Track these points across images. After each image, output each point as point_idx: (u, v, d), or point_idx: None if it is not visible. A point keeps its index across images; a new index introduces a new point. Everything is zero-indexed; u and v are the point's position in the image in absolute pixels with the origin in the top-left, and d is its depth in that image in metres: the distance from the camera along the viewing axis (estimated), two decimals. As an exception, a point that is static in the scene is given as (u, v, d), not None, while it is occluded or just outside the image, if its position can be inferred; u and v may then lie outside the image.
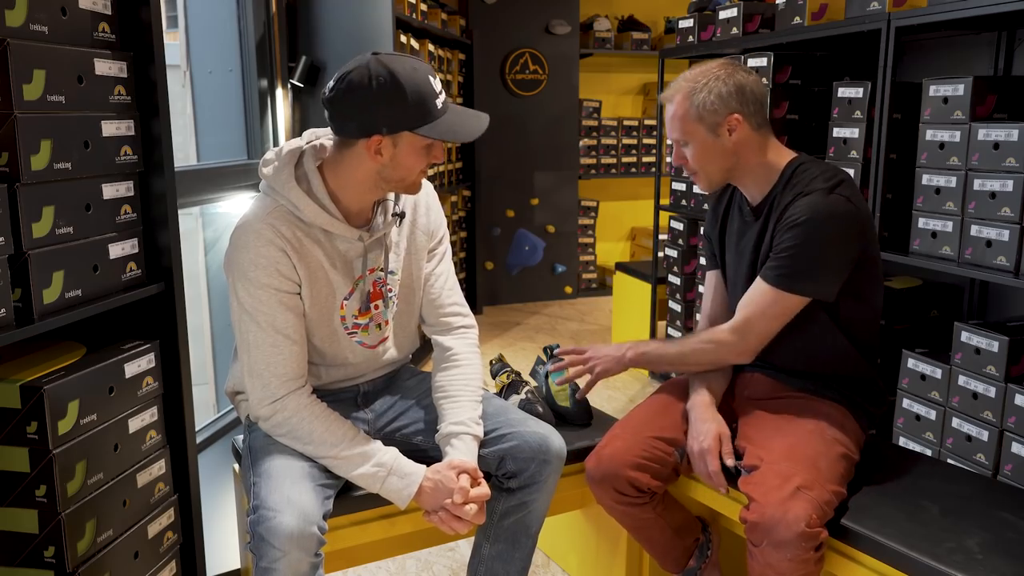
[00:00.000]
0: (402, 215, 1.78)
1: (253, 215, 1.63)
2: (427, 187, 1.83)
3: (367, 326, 1.76)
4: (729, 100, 1.73)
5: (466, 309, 1.91)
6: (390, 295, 1.78)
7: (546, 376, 2.19)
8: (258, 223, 1.61)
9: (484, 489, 1.66)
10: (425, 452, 1.77)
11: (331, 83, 1.59)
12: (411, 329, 1.88)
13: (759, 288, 1.74)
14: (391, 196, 1.75)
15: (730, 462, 1.70)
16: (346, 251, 1.69)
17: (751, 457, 1.67)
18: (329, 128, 1.70)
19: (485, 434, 1.75)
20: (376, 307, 1.76)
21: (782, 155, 1.80)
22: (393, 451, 1.66)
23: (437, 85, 1.60)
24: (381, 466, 1.63)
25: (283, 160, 1.65)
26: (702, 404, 1.80)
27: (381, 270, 1.75)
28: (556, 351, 2.00)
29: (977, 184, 2.14)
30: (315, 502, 1.52)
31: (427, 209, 1.84)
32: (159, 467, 1.69)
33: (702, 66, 1.79)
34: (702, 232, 2.11)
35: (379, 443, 1.67)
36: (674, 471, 1.84)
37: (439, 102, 1.60)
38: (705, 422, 1.75)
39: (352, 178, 1.64)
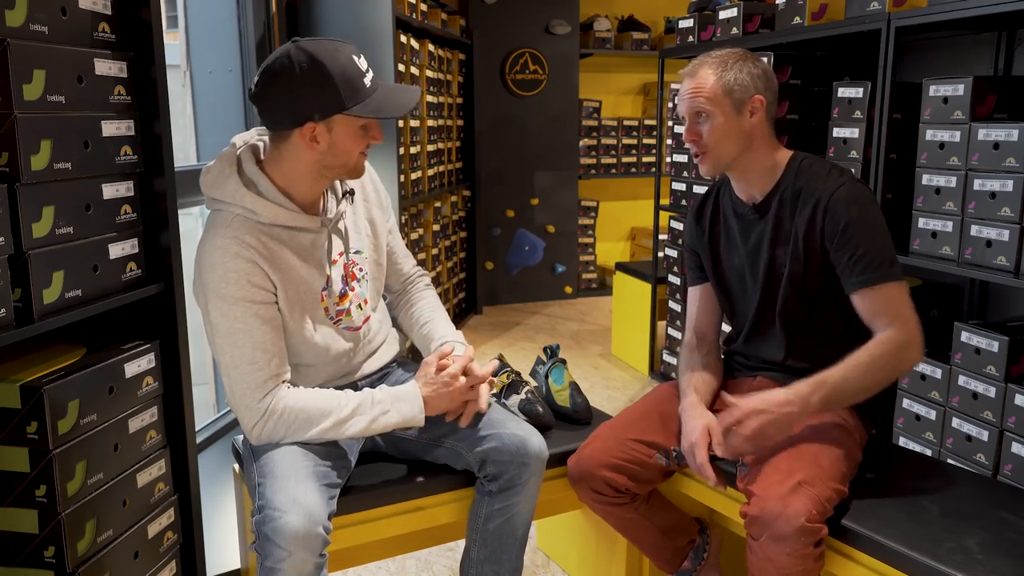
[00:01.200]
0: (351, 192, 1.79)
1: (213, 233, 1.61)
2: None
3: (349, 309, 1.76)
4: (757, 81, 1.74)
5: (420, 268, 2.02)
6: (362, 274, 1.79)
7: (546, 376, 2.19)
8: (220, 239, 1.60)
9: (465, 358, 1.77)
10: (423, 447, 1.77)
11: (256, 78, 1.58)
12: (378, 303, 1.90)
13: (878, 293, 1.65)
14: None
15: (719, 451, 1.68)
16: (311, 243, 1.69)
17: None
18: (253, 130, 1.70)
19: (468, 433, 1.75)
20: (352, 288, 1.77)
21: (784, 151, 1.81)
22: (380, 387, 1.71)
23: (363, 64, 1.59)
24: (382, 402, 1.66)
25: (224, 171, 1.63)
26: (690, 404, 1.79)
27: (347, 252, 1.76)
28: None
29: (977, 184, 2.14)
30: (321, 502, 1.52)
31: (373, 183, 1.86)
32: (159, 467, 1.69)
33: (722, 50, 1.78)
34: (685, 247, 2.05)
35: (365, 390, 1.70)
36: (661, 474, 1.85)
37: (367, 80, 1.59)
38: (693, 419, 1.75)
39: (296, 171, 1.64)
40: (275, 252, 1.63)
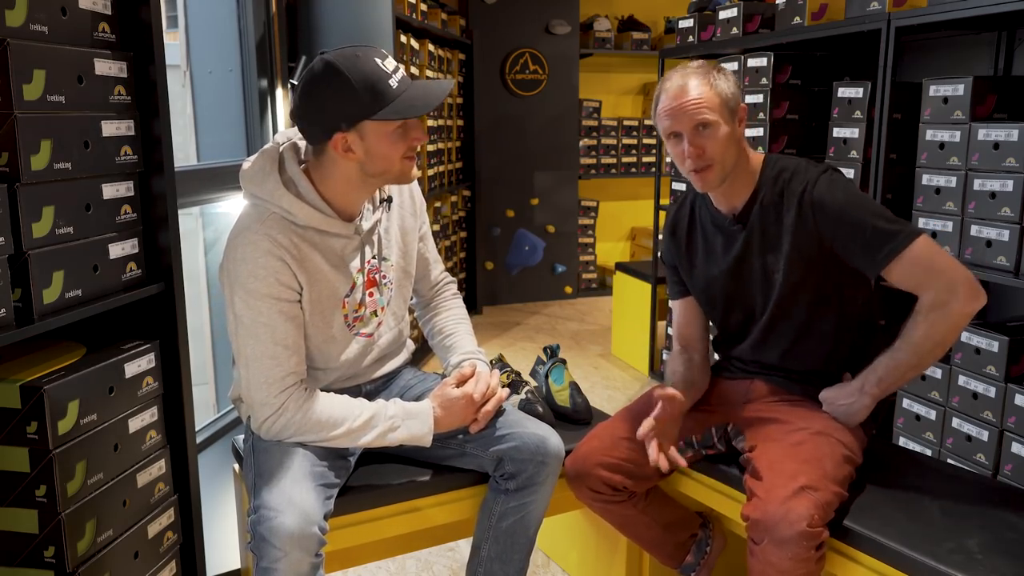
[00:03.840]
0: (390, 199, 1.79)
1: (247, 226, 1.61)
2: None
3: (363, 316, 1.77)
4: (738, 90, 1.73)
5: (447, 275, 2.02)
6: (384, 281, 1.79)
7: (546, 376, 2.19)
8: (253, 234, 1.60)
9: (485, 379, 1.77)
10: (429, 451, 1.77)
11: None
12: (402, 313, 1.89)
13: (909, 257, 1.60)
14: None
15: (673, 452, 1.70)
16: (342, 248, 1.69)
17: (757, 454, 1.67)
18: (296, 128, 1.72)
19: (484, 434, 1.76)
20: (371, 294, 1.77)
21: (757, 156, 1.80)
22: (394, 401, 1.71)
23: (389, 65, 1.57)
24: (393, 417, 1.67)
25: (265, 168, 1.63)
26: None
27: (375, 258, 1.76)
28: None
29: (977, 184, 2.14)
30: (316, 502, 1.52)
31: (409, 189, 1.86)
32: (159, 467, 1.69)
33: (692, 62, 1.76)
34: (663, 260, 2.02)
35: (379, 400, 1.70)
36: (658, 472, 1.84)
37: (394, 82, 1.56)
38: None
39: (339, 182, 1.64)
40: (305, 254, 1.63)
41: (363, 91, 1.53)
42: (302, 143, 1.69)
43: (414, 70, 3.89)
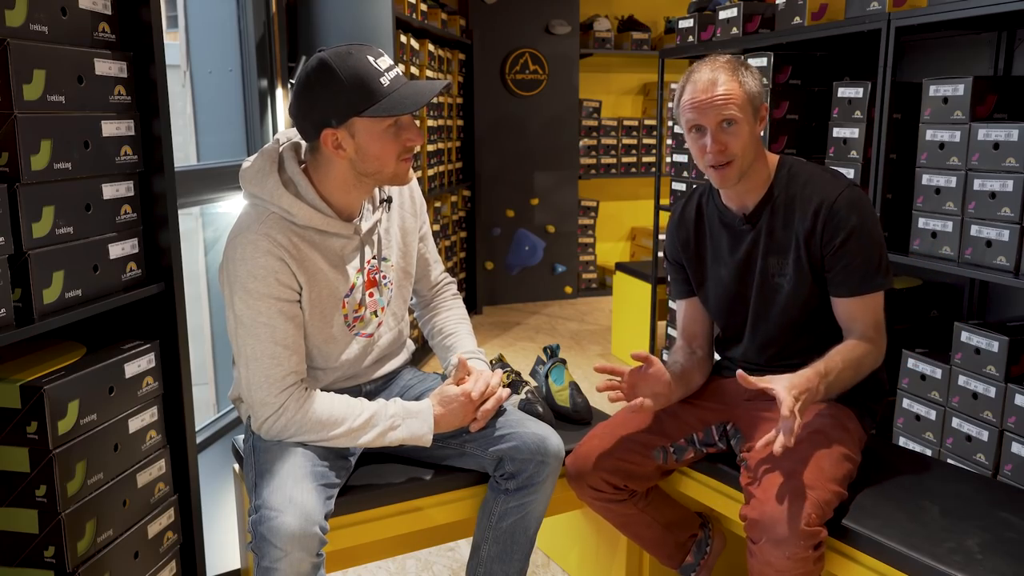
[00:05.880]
0: (389, 200, 1.79)
1: (246, 226, 1.61)
2: None
3: (364, 316, 1.77)
4: (763, 89, 1.73)
5: (447, 276, 2.03)
6: (384, 281, 1.79)
7: (546, 376, 2.19)
8: (252, 234, 1.60)
9: (485, 377, 1.77)
10: (429, 451, 1.77)
11: None
12: (402, 313, 1.89)
13: (864, 302, 1.70)
14: None
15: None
16: (342, 248, 1.69)
17: (754, 454, 1.67)
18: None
19: (483, 433, 1.76)
20: (371, 295, 1.77)
21: (772, 157, 1.80)
22: (394, 400, 1.71)
23: (383, 63, 1.57)
24: (394, 416, 1.67)
25: (264, 168, 1.63)
26: None
27: (375, 258, 1.76)
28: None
29: (977, 184, 2.14)
30: (317, 502, 1.52)
31: (409, 189, 1.86)
32: (159, 467, 1.69)
33: (719, 56, 1.74)
34: (667, 259, 2.02)
35: (379, 400, 1.70)
36: (658, 471, 1.85)
37: (385, 80, 1.56)
38: None
39: (335, 181, 1.64)
40: (305, 254, 1.63)
41: (351, 88, 1.53)
42: (302, 143, 1.70)
43: (414, 70, 3.89)
